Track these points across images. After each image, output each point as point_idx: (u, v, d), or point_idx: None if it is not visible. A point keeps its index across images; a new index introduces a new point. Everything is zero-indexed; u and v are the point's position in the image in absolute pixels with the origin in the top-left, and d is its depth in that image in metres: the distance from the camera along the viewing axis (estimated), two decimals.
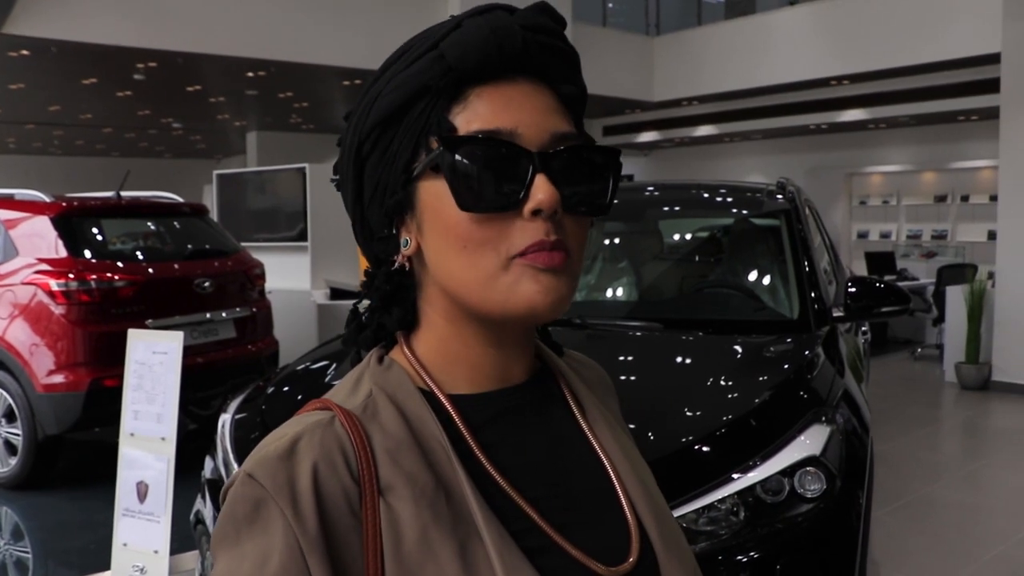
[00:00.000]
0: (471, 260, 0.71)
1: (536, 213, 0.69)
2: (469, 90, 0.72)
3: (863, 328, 4.46)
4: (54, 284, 5.28)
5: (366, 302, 0.82)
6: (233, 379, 5.62)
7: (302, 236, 8.21)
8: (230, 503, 0.68)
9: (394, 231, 0.77)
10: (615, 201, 0.77)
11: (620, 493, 0.80)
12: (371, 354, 0.80)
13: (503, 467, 0.74)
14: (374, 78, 0.77)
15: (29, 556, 4.61)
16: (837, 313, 3.25)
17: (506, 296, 0.70)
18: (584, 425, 0.83)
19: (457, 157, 0.70)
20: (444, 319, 0.77)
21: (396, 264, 0.77)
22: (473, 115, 0.71)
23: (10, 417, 5.45)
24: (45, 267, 5.36)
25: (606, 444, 0.83)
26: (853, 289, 3.30)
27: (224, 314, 6.09)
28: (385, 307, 0.80)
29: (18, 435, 5.39)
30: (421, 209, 0.74)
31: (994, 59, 9.13)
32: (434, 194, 0.72)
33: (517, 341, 0.78)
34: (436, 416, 0.74)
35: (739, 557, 2.09)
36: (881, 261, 11.34)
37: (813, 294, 3.25)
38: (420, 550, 0.67)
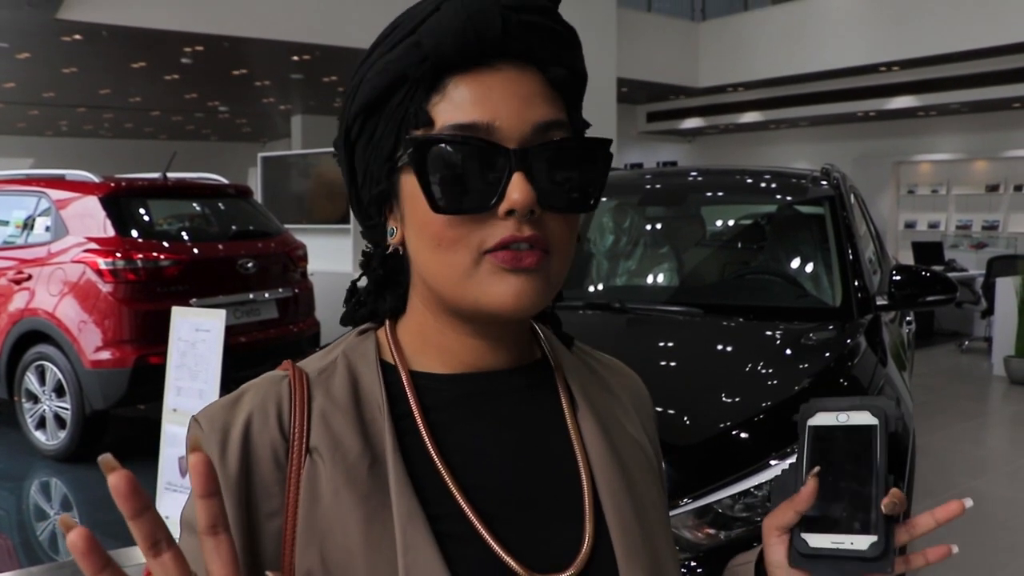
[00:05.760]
0: (444, 258, 0.69)
1: (510, 213, 0.67)
2: (448, 79, 0.69)
3: (907, 318, 4.39)
4: (102, 263, 5.38)
5: (364, 281, 0.81)
6: (274, 359, 5.68)
7: (344, 219, 8.27)
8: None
9: (382, 218, 0.76)
10: (602, 199, 0.74)
11: (587, 502, 0.74)
12: (359, 328, 0.81)
13: (447, 448, 0.72)
14: (362, 59, 0.74)
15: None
16: (881, 301, 3.20)
17: (478, 295, 0.69)
18: (570, 424, 0.78)
19: (429, 158, 0.67)
20: (425, 307, 0.75)
21: (389, 249, 0.76)
22: (450, 106, 0.68)
23: (59, 392, 5.58)
24: (93, 246, 5.46)
25: (591, 449, 0.77)
26: (898, 277, 3.24)
27: (267, 294, 6.16)
28: (379, 292, 0.79)
29: (67, 409, 5.52)
30: (403, 200, 0.72)
31: None
32: (412, 189, 0.70)
33: (499, 332, 0.76)
34: (389, 389, 0.74)
35: None
36: (929, 251, 11.13)
37: (856, 282, 3.20)
38: (331, 512, 0.68)
